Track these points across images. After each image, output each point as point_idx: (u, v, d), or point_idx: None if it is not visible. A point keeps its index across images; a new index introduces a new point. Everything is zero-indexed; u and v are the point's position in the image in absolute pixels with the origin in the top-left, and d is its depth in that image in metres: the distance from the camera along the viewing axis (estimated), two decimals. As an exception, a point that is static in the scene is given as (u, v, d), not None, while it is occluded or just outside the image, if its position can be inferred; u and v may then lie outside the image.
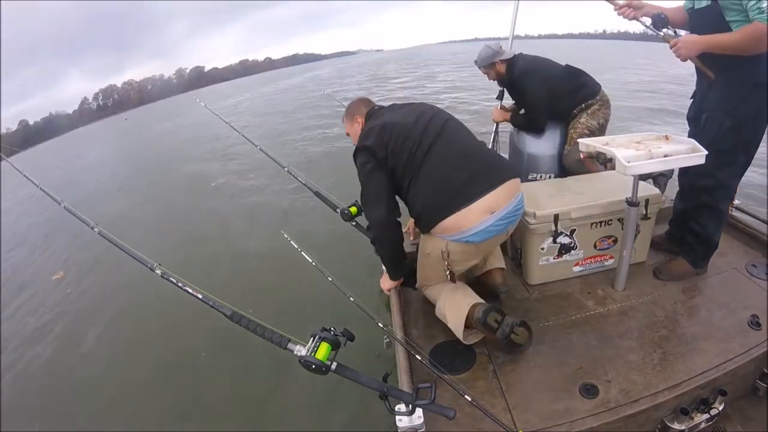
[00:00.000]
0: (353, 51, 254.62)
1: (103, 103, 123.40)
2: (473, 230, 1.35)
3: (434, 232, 1.43)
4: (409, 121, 1.48)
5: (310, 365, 0.96)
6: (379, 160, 1.45)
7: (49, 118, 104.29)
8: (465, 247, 1.41)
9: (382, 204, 1.46)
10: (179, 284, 1.05)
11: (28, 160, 20.84)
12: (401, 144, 1.43)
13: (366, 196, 1.52)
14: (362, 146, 1.49)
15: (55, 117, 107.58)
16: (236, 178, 6.87)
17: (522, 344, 1.43)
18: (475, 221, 1.34)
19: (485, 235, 1.37)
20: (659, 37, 1.55)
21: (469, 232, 1.35)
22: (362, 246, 2.02)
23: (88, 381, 2.74)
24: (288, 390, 2.24)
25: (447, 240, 1.42)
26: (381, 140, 1.45)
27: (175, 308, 2.95)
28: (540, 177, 2.37)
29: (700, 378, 1.27)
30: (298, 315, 2.80)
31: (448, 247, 1.43)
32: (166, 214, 5.96)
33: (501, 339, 1.39)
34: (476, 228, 1.35)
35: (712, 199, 1.60)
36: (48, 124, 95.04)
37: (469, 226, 1.35)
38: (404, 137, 1.43)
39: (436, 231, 1.42)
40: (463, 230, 1.36)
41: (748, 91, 1.40)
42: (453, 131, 1.50)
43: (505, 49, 2.31)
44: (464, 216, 1.34)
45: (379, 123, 1.51)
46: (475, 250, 1.47)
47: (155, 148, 13.42)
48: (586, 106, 2.21)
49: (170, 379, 2.57)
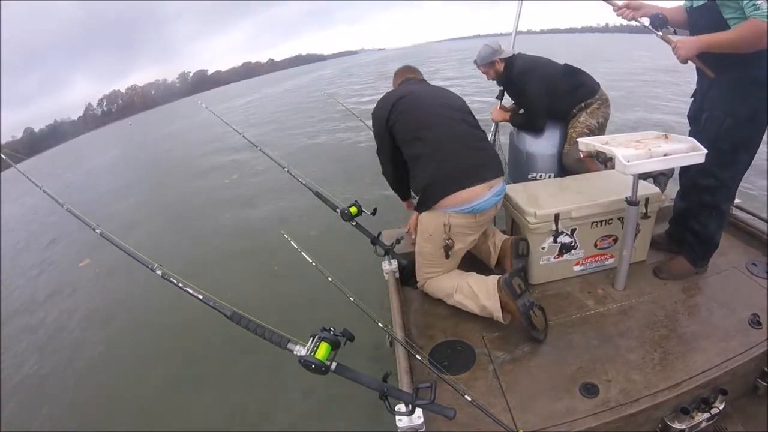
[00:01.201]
0: (356, 50, 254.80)
1: (108, 108, 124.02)
2: (477, 201, 1.53)
3: (438, 206, 1.56)
4: (429, 99, 1.69)
5: (310, 365, 0.96)
6: (388, 125, 1.68)
7: (54, 125, 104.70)
8: (466, 219, 1.57)
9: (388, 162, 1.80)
10: (180, 285, 1.05)
11: (35, 166, 20.93)
12: (414, 115, 1.63)
13: (379, 151, 1.82)
14: (374, 112, 1.75)
15: (60, 124, 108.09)
16: (236, 178, 6.88)
17: (538, 329, 1.45)
18: (479, 194, 1.54)
19: (484, 206, 1.56)
20: (658, 37, 1.55)
21: (475, 202, 1.53)
22: (362, 246, 2.02)
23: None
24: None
25: (449, 213, 1.55)
26: (391, 110, 1.66)
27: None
28: (540, 176, 2.37)
29: (701, 377, 1.27)
30: (297, 315, 2.80)
31: (450, 219, 1.57)
32: (165, 214, 5.98)
33: (522, 311, 1.43)
34: (480, 200, 1.54)
35: (713, 198, 1.60)
36: (53, 131, 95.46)
37: (475, 199, 1.53)
38: (419, 111, 1.64)
39: (440, 205, 1.55)
40: (471, 201, 1.53)
41: (748, 90, 1.39)
42: (468, 116, 1.71)
43: (504, 48, 2.31)
44: (473, 191, 1.53)
45: (396, 95, 1.72)
46: (474, 223, 1.61)
47: (158, 150, 13.47)
48: (586, 105, 2.20)
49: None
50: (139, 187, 8.49)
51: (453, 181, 1.53)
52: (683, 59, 1.42)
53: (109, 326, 3.45)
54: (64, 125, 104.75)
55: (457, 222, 1.57)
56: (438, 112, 1.65)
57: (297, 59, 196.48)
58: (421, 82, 1.89)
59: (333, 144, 8.14)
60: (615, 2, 1.63)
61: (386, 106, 1.69)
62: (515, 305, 1.44)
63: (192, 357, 2.75)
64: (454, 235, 1.60)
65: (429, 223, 1.63)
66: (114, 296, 3.94)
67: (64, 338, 3.44)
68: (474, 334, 1.59)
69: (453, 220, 1.56)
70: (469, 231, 1.64)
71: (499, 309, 1.49)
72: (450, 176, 1.53)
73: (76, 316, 3.74)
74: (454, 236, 1.60)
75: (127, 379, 2.72)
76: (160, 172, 9.52)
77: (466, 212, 1.55)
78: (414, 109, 1.65)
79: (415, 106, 1.66)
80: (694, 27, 1.48)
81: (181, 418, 2.29)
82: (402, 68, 1.99)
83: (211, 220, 5.23)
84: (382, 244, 1.94)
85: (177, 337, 2.98)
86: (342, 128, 8.97)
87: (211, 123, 9.23)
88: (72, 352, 3.20)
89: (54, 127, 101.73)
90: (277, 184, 5.69)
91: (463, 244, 1.66)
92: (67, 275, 4.77)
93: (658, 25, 1.55)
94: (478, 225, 1.64)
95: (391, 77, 2.01)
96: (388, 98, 1.73)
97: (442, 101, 1.71)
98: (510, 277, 1.49)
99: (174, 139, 15.27)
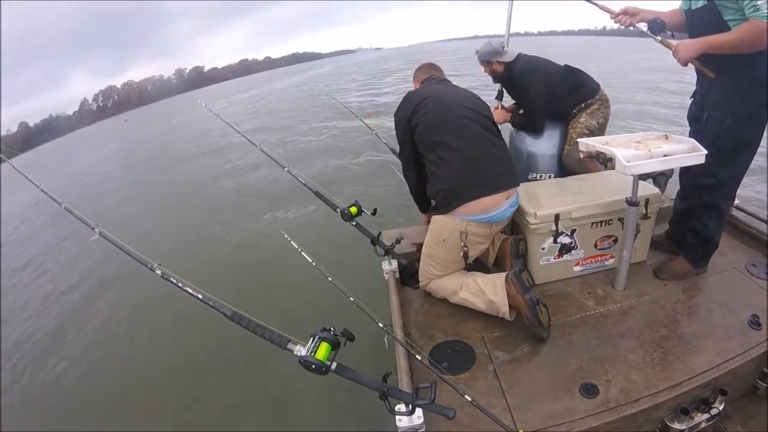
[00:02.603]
0: (353, 49, 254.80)
1: (103, 104, 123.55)
2: (495, 212, 1.54)
3: (455, 212, 1.55)
4: (453, 102, 1.65)
5: (310, 365, 0.96)
6: (411, 125, 1.65)
7: (50, 120, 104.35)
8: (482, 228, 1.58)
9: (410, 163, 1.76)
10: (179, 284, 1.05)
11: (29, 161, 20.91)
12: (437, 118, 1.60)
13: (401, 153, 1.80)
14: (396, 112, 1.72)
15: (55, 119, 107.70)
16: (235, 179, 6.87)
17: (543, 326, 1.45)
18: (498, 204, 1.55)
19: (501, 217, 1.57)
20: (657, 41, 1.55)
21: (493, 212, 1.54)
22: (362, 246, 2.02)
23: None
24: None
25: (467, 220, 1.55)
26: (414, 110, 1.63)
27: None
28: (540, 177, 2.36)
29: (701, 377, 1.27)
30: (297, 315, 2.80)
31: (467, 227, 1.57)
32: (164, 215, 5.97)
33: (530, 305, 1.44)
34: (498, 210, 1.55)
35: (713, 198, 1.60)
36: (48, 126, 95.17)
37: (493, 208, 1.54)
38: (442, 114, 1.61)
39: (458, 211, 1.55)
40: (490, 210, 1.54)
41: (748, 90, 1.40)
42: (490, 123, 1.69)
43: (506, 50, 2.29)
44: (493, 200, 1.54)
45: (420, 95, 1.68)
46: (489, 232, 1.62)
47: (153, 147, 13.44)
48: (586, 105, 2.20)
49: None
50: (134, 183, 8.49)
51: (473, 188, 1.52)
52: (684, 62, 1.42)
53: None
54: (59, 120, 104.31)
55: (473, 230, 1.58)
56: (461, 115, 1.60)
57: (294, 57, 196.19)
58: (443, 82, 1.84)
59: (331, 141, 8.14)
60: (612, 9, 1.65)
61: (410, 106, 1.65)
62: (523, 299, 1.44)
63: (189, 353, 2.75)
64: (469, 243, 1.61)
65: (444, 227, 1.61)
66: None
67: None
68: (474, 334, 1.59)
69: (470, 229, 1.57)
70: (483, 240, 1.65)
71: (507, 304, 1.49)
72: (470, 183, 1.53)
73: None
74: (469, 244, 1.61)
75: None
76: (155, 169, 9.51)
77: (483, 221, 1.55)
78: (437, 111, 1.61)
79: (438, 109, 1.62)
80: (694, 28, 1.48)
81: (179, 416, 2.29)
82: (425, 64, 1.94)
83: (211, 220, 5.22)
84: (382, 244, 1.94)
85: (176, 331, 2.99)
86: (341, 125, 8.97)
87: (209, 120, 9.22)
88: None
89: (49, 122, 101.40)
90: (277, 184, 5.69)
91: (475, 252, 1.67)
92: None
93: (657, 29, 1.56)
94: (492, 234, 1.66)
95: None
96: (411, 98, 1.69)
97: (466, 105, 1.65)
98: (519, 271, 1.50)
99: (169, 135, 15.27)
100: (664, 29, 1.56)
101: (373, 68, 26.29)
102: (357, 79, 20.02)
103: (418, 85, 1.87)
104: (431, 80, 1.84)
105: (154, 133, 17.79)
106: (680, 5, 1.56)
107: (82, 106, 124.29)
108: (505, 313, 1.51)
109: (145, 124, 24.03)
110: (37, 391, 2.85)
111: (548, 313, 1.51)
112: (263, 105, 17.71)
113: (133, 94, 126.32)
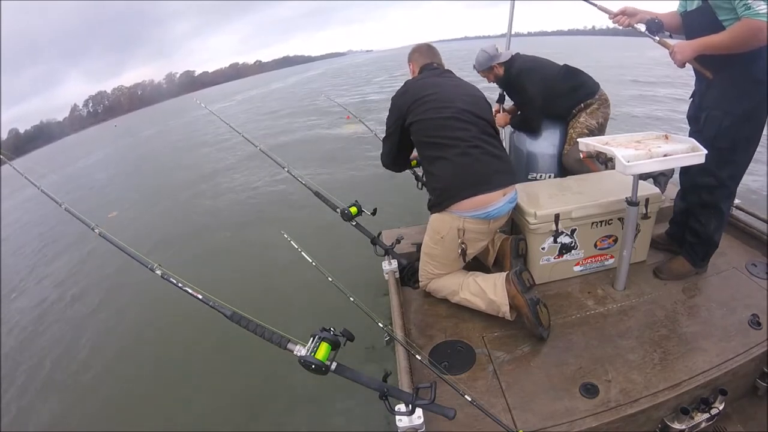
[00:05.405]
0: (343, 52, 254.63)
1: (94, 109, 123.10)
2: (491, 207, 1.54)
3: (452, 208, 1.55)
4: (453, 99, 1.61)
5: (310, 365, 0.96)
6: (406, 117, 1.63)
7: (40, 126, 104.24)
8: (480, 224, 1.57)
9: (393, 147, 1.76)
10: (179, 284, 1.05)
11: (24, 167, 20.95)
12: (437, 115, 1.58)
13: (387, 137, 1.77)
14: (394, 98, 1.69)
15: (46, 125, 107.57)
16: (234, 179, 6.87)
17: (543, 326, 1.45)
18: (494, 200, 1.54)
19: (498, 213, 1.57)
20: (656, 41, 1.56)
21: (490, 207, 1.54)
22: (362, 246, 2.02)
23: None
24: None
25: (465, 217, 1.55)
26: (411, 106, 1.61)
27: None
28: (540, 176, 2.36)
29: (701, 377, 1.27)
30: (297, 315, 2.80)
31: (465, 224, 1.56)
32: (163, 214, 5.97)
33: (530, 305, 1.44)
34: (495, 206, 1.54)
35: (712, 197, 1.60)
36: (39, 132, 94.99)
37: (490, 204, 1.54)
38: (442, 111, 1.58)
39: (455, 208, 1.55)
40: (487, 206, 1.53)
41: (746, 89, 1.40)
42: (489, 121, 1.67)
43: (501, 51, 2.30)
44: (489, 197, 1.53)
45: (421, 89, 1.64)
46: (487, 229, 1.61)
47: (147, 151, 13.47)
48: (585, 105, 2.20)
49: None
50: (131, 180, 8.50)
51: (470, 186, 1.52)
52: (680, 63, 1.42)
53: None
54: (49, 126, 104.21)
55: (471, 227, 1.58)
56: (460, 119, 1.57)
57: (284, 61, 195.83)
58: (445, 75, 1.74)
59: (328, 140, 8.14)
60: (610, 10, 1.65)
61: (408, 99, 1.62)
62: (524, 299, 1.44)
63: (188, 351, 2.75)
64: (467, 241, 1.60)
65: (442, 225, 1.62)
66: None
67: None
68: (474, 334, 1.59)
69: (468, 225, 1.57)
70: (482, 237, 1.64)
71: (507, 304, 1.49)
72: (468, 181, 1.53)
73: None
74: (468, 241, 1.61)
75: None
76: (152, 171, 9.51)
77: (481, 218, 1.55)
78: (436, 111, 1.58)
79: (437, 108, 1.58)
80: (690, 30, 1.48)
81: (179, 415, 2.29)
82: (424, 46, 1.83)
83: (210, 221, 5.22)
84: (382, 244, 1.94)
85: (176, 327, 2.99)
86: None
87: (207, 122, 9.20)
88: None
89: (40, 128, 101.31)
90: (277, 184, 5.69)
91: (474, 249, 1.67)
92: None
93: (655, 30, 1.56)
94: (490, 232, 1.65)
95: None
96: (412, 89, 1.64)
97: (466, 108, 1.60)
98: (519, 271, 1.51)
99: (159, 140, 15.26)
100: (663, 29, 1.56)
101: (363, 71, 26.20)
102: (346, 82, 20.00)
103: (415, 69, 1.79)
104: (431, 69, 1.75)
105: (142, 138, 17.79)
106: (677, 8, 1.57)
107: (72, 112, 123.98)
108: (505, 313, 1.51)
109: (135, 129, 23.98)
110: (34, 391, 2.84)
111: (549, 312, 1.51)
112: (258, 107, 17.73)
113: (124, 99, 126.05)
